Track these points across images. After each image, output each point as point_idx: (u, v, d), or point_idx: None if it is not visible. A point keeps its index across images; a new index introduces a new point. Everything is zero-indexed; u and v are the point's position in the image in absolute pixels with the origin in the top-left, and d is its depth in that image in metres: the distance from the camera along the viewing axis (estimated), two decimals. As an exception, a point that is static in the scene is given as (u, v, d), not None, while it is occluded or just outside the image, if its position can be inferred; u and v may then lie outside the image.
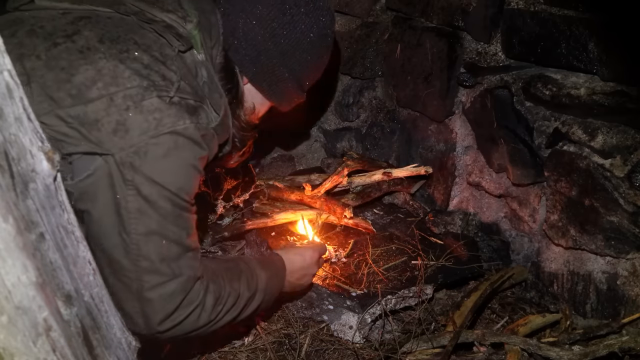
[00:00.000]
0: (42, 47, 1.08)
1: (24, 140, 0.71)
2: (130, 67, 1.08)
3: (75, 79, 1.05)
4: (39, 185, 0.72)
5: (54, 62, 1.06)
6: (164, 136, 1.07)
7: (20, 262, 0.67)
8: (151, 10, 1.19)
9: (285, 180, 2.30)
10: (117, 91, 1.05)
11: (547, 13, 1.68)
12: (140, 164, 1.05)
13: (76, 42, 1.09)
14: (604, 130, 1.62)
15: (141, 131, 1.05)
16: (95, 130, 1.04)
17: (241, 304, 1.30)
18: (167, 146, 1.08)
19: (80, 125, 1.04)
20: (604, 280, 1.70)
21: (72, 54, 1.07)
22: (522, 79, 1.84)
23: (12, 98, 0.69)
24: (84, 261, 0.81)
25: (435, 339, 1.60)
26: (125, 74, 1.07)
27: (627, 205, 1.57)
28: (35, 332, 0.69)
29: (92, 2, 1.18)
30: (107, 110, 1.04)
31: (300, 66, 1.38)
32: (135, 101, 1.06)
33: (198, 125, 1.12)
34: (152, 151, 1.06)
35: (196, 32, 1.22)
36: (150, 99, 1.07)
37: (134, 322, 1.14)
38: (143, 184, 1.06)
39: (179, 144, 1.09)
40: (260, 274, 1.39)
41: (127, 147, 1.05)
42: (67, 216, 0.78)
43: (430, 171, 2.18)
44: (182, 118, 1.09)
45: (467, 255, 1.95)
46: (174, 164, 1.09)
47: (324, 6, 1.37)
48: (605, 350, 1.45)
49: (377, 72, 2.48)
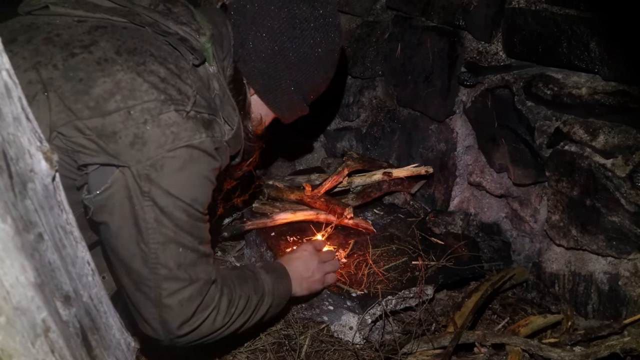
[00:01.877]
0: (60, 57, 1.09)
1: (23, 140, 0.70)
2: (148, 81, 1.09)
3: (94, 91, 1.06)
4: (37, 185, 0.71)
5: (72, 73, 1.08)
6: (180, 150, 1.09)
7: (19, 263, 0.67)
8: (166, 22, 1.20)
9: (285, 180, 2.29)
10: (135, 104, 1.07)
11: (549, 12, 1.67)
12: (156, 176, 1.07)
13: (93, 53, 1.10)
14: (605, 130, 1.61)
15: (158, 144, 1.07)
16: (113, 143, 1.06)
17: (251, 307, 1.34)
18: (183, 159, 1.10)
19: (98, 137, 1.06)
20: (606, 281, 1.70)
21: (89, 65, 1.09)
22: (523, 78, 1.83)
23: (10, 98, 0.69)
24: (82, 262, 0.81)
25: (435, 339, 1.59)
26: (143, 87, 1.08)
27: (629, 205, 1.57)
28: (33, 332, 0.69)
29: (106, 11, 1.19)
30: (125, 123, 1.06)
31: (306, 80, 1.41)
32: (153, 115, 1.07)
33: (213, 139, 1.15)
34: (169, 164, 1.08)
35: (209, 45, 1.23)
36: (167, 113, 1.08)
37: (153, 329, 1.18)
38: (159, 196, 1.09)
39: (194, 157, 1.11)
40: (265, 278, 1.42)
41: (144, 159, 1.06)
42: (66, 216, 0.78)
43: (430, 171, 2.17)
44: (198, 132, 1.11)
45: (468, 255, 1.95)
46: (189, 176, 1.12)
47: (333, 22, 1.39)
48: (607, 351, 1.44)
49: (377, 72, 2.47)
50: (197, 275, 1.17)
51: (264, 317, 1.42)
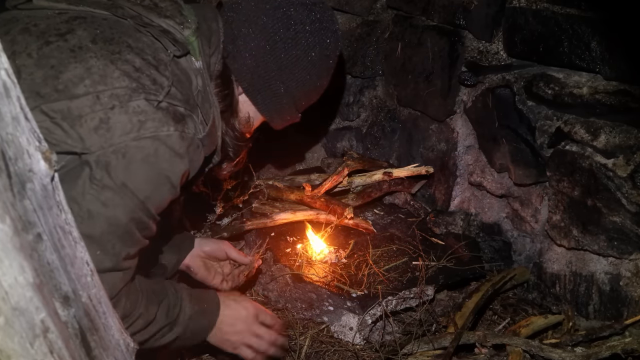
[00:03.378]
0: (35, 46, 1.07)
1: (21, 139, 0.70)
2: (121, 68, 1.07)
3: (64, 76, 1.04)
4: (36, 186, 0.71)
5: (45, 61, 1.05)
6: (145, 140, 1.05)
7: (18, 263, 0.66)
8: (149, 15, 1.17)
9: (285, 180, 2.29)
10: (105, 90, 1.04)
11: (550, 11, 1.67)
12: (116, 164, 1.03)
13: (68, 41, 1.08)
14: (606, 129, 1.61)
15: (123, 132, 1.03)
16: (78, 126, 1.02)
17: (153, 330, 1.22)
18: (147, 152, 1.05)
19: (62, 119, 1.02)
20: (607, 281, 1.70)
21: (63, 52, 1.06)
22: (524, 78, 1.83)
23: (9, 97, 0.69)
24: (81, 262, 0.81)
25: (436, 340, 1.59)
26: (115, 74, 1.06)
27: (630, 205, 1.56)
28: (32, 333, 0.68)
29: (89, 4, 1.17)
30: (92, 107, 1.03)
31: (297, 84, 1.35)
32: (122, 101, 1.04)
33: (183, 134, 1.10)
34: (131, 153, 1.04)
35: (194, 38, 1.20)
36: (137, 101, 1.05)
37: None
38: (108, 188, 1.03)
39: (159, 153, 1.07)
40: (186, 306, 1.29)
41: (106, 146, 1.03)
42: (65, 216, 0.77)
43: (431, 171, 2.17)
44: (166, 124, 1.07)
45: (468, 255, 1.94)
46: (150, 171, 1.07)
47: (331, 28, 1.35)
48: (608, 351, 1.44)
49: (377, 71, 2.47)
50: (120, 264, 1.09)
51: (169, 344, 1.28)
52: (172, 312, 1.26)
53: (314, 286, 1.74)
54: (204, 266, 1.59)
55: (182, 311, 1.28)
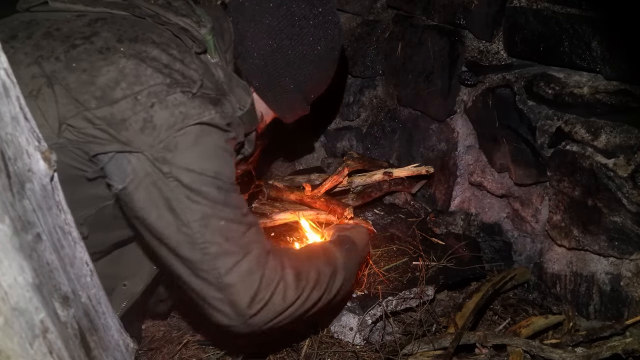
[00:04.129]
0: (61, 49, 1.09)
1: (21, 139, 0.70)
2: (151, 66, 1.09)
3: (99, 81, 1.06)
4: (35, 186, 0.71)
5: (75, 64, 1.07)
6: (190, 127, 1.08)
7: (17, 263, 0.66)
8: (166, 14, 1.21)
9: (285, 180, 2.28)
10: (141, 90, 1.07)
11: (550, 11, 1.67)
12: (172, 156, 1.06)
13: (95, 43, 1.10)
14: (607, 129, 1.61)
15: (168, 126, 1.06)
16: (124, 130, 1.05)
17: (324, 281, 1.29)
18: (195, 134, 1.09)
19: (108, 126, 1.05)
20: (607, 282, 1.69)
21: (91, 55, 1.08)
22: (525, 77, 1.83)
23: (8, 97, 0.69)
24: (81, 262, 0.80)
25: (436, 340, 1.58)
26: (148, 72, 1.08)
27: (631, 205, 1.56)
28: (32, 333, 0.68)
29: (106, 5, 1.19)
30: (133, 109, 1.06)
31: (305, 78, 1.39)
32: (160, 97, 1.07)
33: (223, 114, 1.13)
34: (182, 142, 1.07)
35: (210, 37, 1.23)
36: (174, 94, 1.08)
37: (225, 315, 1.15)
38: (182, 174, 1.07)
39: (205, 131, 1.10)
40: (335, 251, 1.39)
41: (156, 143, 1.06)
42: (64, 216, 0.77)
43: (431, 171, 2.17)
44: (207, 109, 1.10)
45: (468, 256, 1.94)
46: (205, 149, 1.10)
47: (333, 20, 1.39)
48: (609, 352, 1.44)
49: (377, 71, 2.46)
50: (249, 247, 1.14)
51: (338, 293, 1.36)
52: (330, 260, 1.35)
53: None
54: None
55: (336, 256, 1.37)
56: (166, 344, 1.70)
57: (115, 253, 1.37)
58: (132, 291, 1.38)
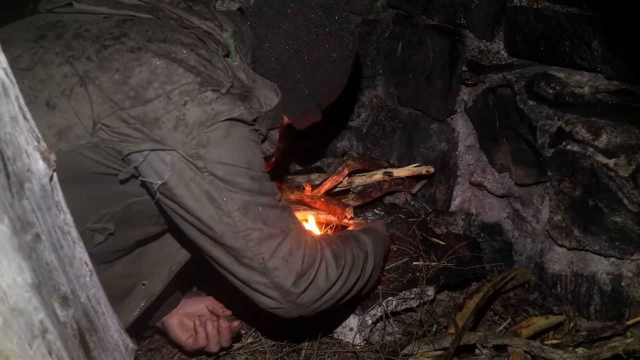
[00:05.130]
0: (92, 49, 1.11)
1: (20, 139, 0.69)
2: (182, 65, 1.11)
3: (131, 81, 1.09)
4: (34, 185, 0.71)
5: (107, 64, 1.10)
6: (220, 123, 1.11)
7: (16, 263, 0.66)
8: (189, 18, 1.24)
9: (285, 180, 2.28)
10: (173, 89, 1.09)
11: (551, 10, 1.67)
12: (205, 152, 1.10)
13: (125, 43, 1.12)
14: (608, 129, 1.60)
15: (200, 123, 1.09)
16: (157, 129, 1.08)
17: (359, 264, 1.36)
18: (225, 129, 1.12)
19: (142, 125, 1.08)
20: (608, 282, 1.69)
21: (123, 55, 1.11)
22: (525, 77, 1.82)
23: (7, 97, 0.68)
24: (80, 262, 0.80)
25: (436, 341, 1.58)
26: (179, 71, 1.11)
27: (632, 205, 1.56)
28: (31, 334, 0.68)
29: (130, 8, 1.21)
30: (166, 108, 1.08)
31: (320, 85, 1.42)
32: (192, 96, 1.09)
33: (251, 110, 1.16)
34: (213, 137, 1.10)
35: (232, 40, 1.26)
36: (205, 93, 1.10)
37: (273, 299, 1.21)
38: (216, 168, 1.11)
39: (233, 125, 1.13)
40: (364, 238, 1.45)
41: (189, 140, 1.08)
42: (64, 216, 0.77)
43: (431, 171, 2.16)
44: (236, 105, 1.13)
45: (469, 256, 1.94)
46: (235, 142, 1.13)
47: (348, 28, 1.41)
48: (610, 352, 1.44)
49: (377, 71, 2.46)
50: (288, 226, 1.20)
51: (370, 278, 1.44)
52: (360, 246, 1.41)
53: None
54: (177, 324, 1.55)
55: (366, 242, 1.44)
56: (166, 344, 1.70)
57: (137, 251, 1.38)
58: (150, 291, 1.39)
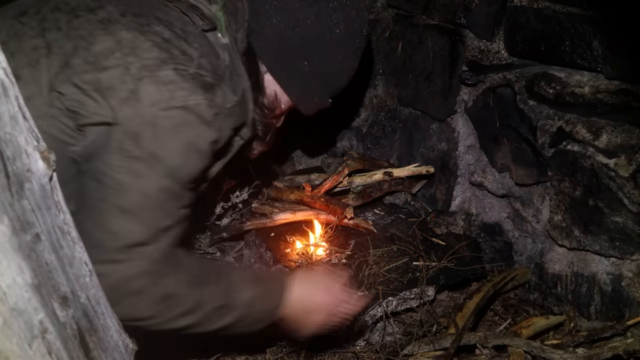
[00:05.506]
0: (64, 20, 1.09)
1: (20, 139, 0.69)
2: (150, 39, 1.07)
3: (94, 48, 1.06)
4: (34, 185, 0.70)
5: (74, 32, 1.07)
6: (174, 110, 1.05)
7: (16, 264, 0.66)
8: None
9: (285, 180, 2.28)
10: (134, 61, 1.05)
11: (551, 10, 1.66)
12: (145, 134, 1.04)
13: (98, 14, 1.09)
14: (608, 129, 1.60)
15: (152, 102, 1.04)
16: (109, 97, 1.03)
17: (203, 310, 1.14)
18: (176, 121, 1.06)
19: (93, 90, 1.04)
20: (609, 282, 1.69)
21: (92, 24, 1.08)
22: (526, 77, 1.82)
23: (7, 96, 0.68)
24: (80, 262, 0.80)
25: (437, 341, 1.58)
26: (145, 45, 1.06)
27: (632, 205, 1.56)
28: (30, 334, 0.68)
29: None
30: (122, 78, 1.04)
31: (322, 63, 1.32)
32: (151, 71, 1.05)
33: (212, 103, 1.10)
34: (160, 123, 1.04)
35: (221, 14, 1.20)
36: (165, 71, 1.06)
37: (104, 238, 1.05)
38: (138, 159, 1.04)
39: (188, 122, 1.07)
40: (245, 287, 1.20)
41: (135, 117, 1.03)
42: (63, 216, 0.77)
43: (431, 171, 2.16)
44: (195, 93, 1.07)
45: (469, 256, 1.94)
46: (179, 140, 1.06)
47: (356, 6, 1.32)
48: (610, 352, 1.44)
49: (377, 70, 2.46)
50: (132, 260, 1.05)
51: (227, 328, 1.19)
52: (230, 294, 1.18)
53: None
54: None
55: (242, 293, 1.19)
56: (166, 344, 1.69)
57: None
58: None
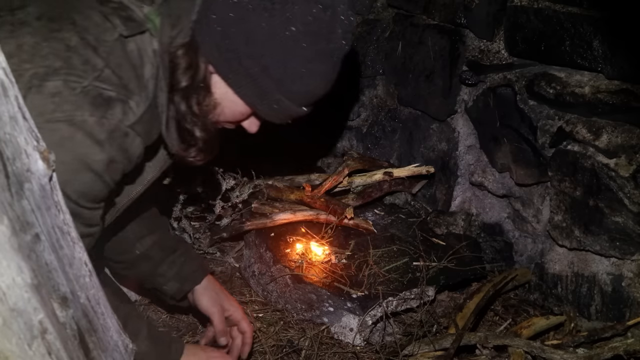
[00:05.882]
0: None
1: (19, 139, 0.69)
2: (51, 46, 1.02)
3: None
4: (34, 186, 0.70)
5: None
6: (59, 123, 0.99)
7: (15, 264, 0.66)
8: None
9: (285, 180, 2.28)
10: (29, 68, 0.99)
11: (551, 10, 1.66)
12: None
13: (15, 15, 1.04)
14: (608, 129, 1.60)
15: (37, 113, 0.94)
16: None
17: None
18: (62, 135, 0.99)
19: None
20: (609, 282, 1.69)
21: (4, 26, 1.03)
22: (526, 77, 1.82)
23: (7, 96, 0.68)
24: (80, 262, 0.80)
25: (437, 341, 1.58)
26: (43, 52, 1.01)
27: (632, 205, 1.56)
28: (30, 334, 0.68)
29: None
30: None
31: (276, 64, 1.13)
32: (40, 81, 0.99)
33: (102, 121, 1.02)
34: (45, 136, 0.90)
35: (155, 15, 1.12)
36: (54, 82, 0.99)
37: None
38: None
39: (75, 138, 0.99)
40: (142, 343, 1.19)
41: None
42: (63, 217, 0.77)
43: (432, 171, 2.16)
44: (80, 109, 1.00)
45: (469, 256, 1.93)
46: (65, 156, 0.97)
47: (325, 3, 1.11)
48: (610, 353, 1.43)
49: (378, 70, 2.46)
50: None
51: None
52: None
53: (314, 287, 1.73)
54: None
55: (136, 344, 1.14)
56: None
57: None
58: None
